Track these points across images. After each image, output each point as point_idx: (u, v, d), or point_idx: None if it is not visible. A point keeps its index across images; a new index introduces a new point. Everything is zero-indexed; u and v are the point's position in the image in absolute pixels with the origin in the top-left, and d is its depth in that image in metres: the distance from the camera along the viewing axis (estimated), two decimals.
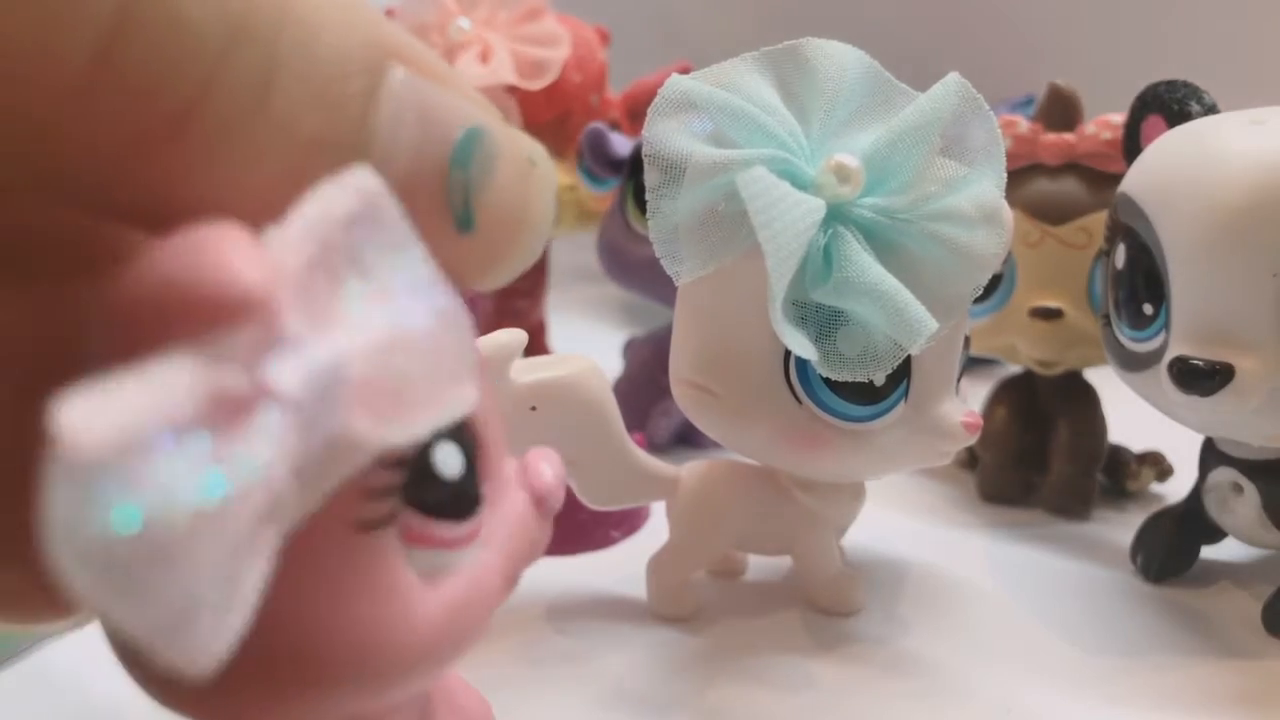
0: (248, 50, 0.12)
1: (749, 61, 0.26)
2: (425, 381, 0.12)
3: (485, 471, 0.16)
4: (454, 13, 0.46)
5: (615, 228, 0.45)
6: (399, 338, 0.12)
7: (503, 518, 0.16)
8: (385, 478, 0.14)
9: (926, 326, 0.25)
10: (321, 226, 0.12)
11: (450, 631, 0.15)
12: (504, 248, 0.16)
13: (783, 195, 0.24)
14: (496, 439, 0.17)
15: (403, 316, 0.12)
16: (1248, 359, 0.27)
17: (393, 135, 0.14)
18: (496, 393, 0.18)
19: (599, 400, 0.28)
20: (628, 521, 0.36)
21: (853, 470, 0.29)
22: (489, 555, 0.16)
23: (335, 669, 0.14)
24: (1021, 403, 0.40)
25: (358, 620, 0.14)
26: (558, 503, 0.17)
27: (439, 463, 0.15)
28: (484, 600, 0.15)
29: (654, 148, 0.25)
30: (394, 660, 0.14)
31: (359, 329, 0.12)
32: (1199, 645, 0.30)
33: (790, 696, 0.28)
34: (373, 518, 0.14)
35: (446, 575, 0.15)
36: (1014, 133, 0.37)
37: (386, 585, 0.14)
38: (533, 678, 0.28)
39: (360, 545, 0.14)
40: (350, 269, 0.12)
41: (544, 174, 0.16)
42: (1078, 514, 0.39)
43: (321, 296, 0.12)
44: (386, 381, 0.12)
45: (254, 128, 0.13)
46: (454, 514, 0.15)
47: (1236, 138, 0.28)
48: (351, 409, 0.11)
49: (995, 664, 0.29)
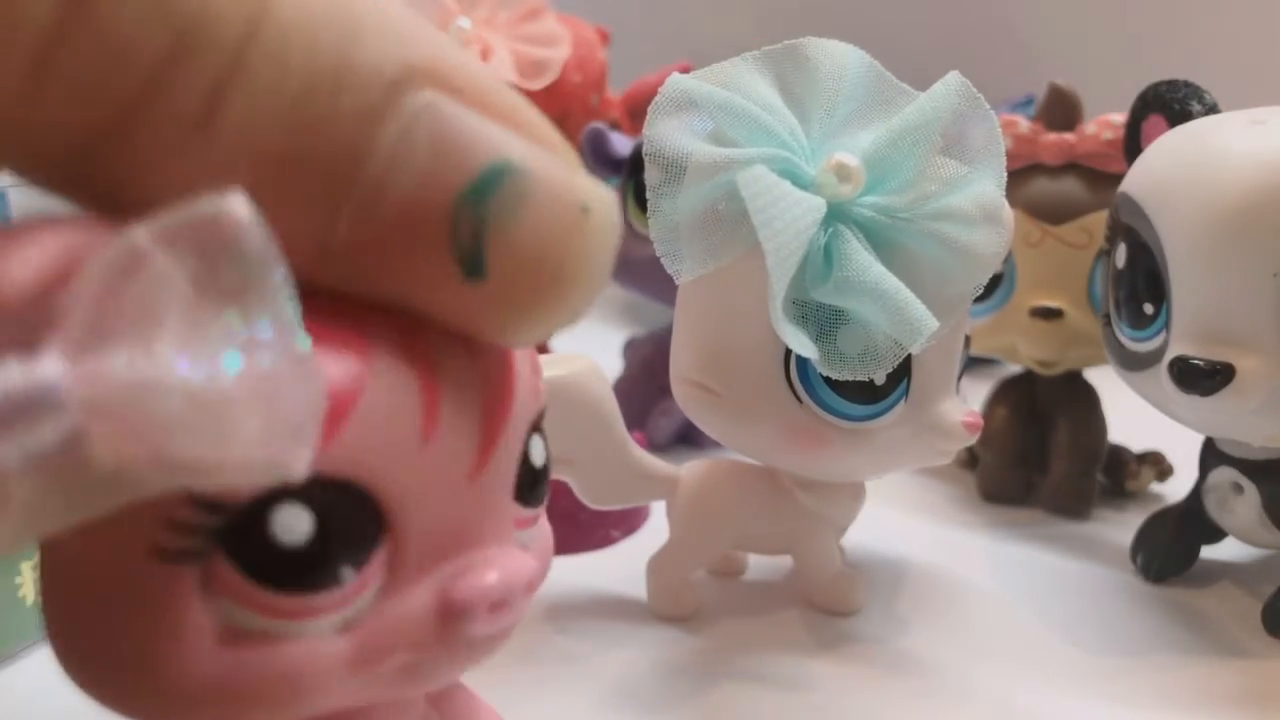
0: (197, 61, 0.12)
1: (749, 61, 0.26)
2: (222, 432, 0.11)
3: (391, 557, 0.14)
4: (454, 12, 0.46)
5: None
6: (190, 378, 0.11)
7: (390, 612, 0.15)
8: (190, 515, 0.13)
9: (927, 326, 0.25)
10: (152, 247, 0.11)
11: (229, 693, 0.14)
12: (531, 298, 0.14)
13: (783, 194, 0.24)
14: (449, 528, 0.15)
15: (215, 360, 0.11)
16: (1248, 359, 0.27)
17: (393, 159, 0.13)
18: (506, 478, 0.16)
19: (599, 400, 0.28)
20: (627, 521, 0.36)
21: (853, 470, 0.29)
22: (336, 641, 0.14)
23: (109, 681, 0.14)
24: (1022, 402, 0.40)
25: (130, 642, 0.13)
26: (478, 624, 0.15)
27: (274, 524, 0.13)
28: (297, 682, 0.14)
29: (654, 147, 0.25)
30: (155, 695, 0.14)
31: (142, 357, 0.11)
32: (1199, 645, 0.30)
33: (790, 696, 0.28)
34: (168, 548, 0.13)
35: (260, 639, 0.14)
36: (1014, 132, 0.37)
37: (164, 620, 0.13)
38: (533, 677, 0.28)
39: (150, 571, 0.13)
40: (171, 296, 0.11)
41: (599, 224, 0.14)
42: (1078, 514, 0.39)
43: (120, 315, 0.11)
44: (152, 418, 0.11)
45: (202, 137, 0.12)
46: (280, 583, 0.14)
47: (1237, 138, 0.28)
48: (77, 435, 0.11)
49: (995, 663, 0.29)
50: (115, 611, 0.13)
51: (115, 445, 0.11)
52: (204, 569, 0.13)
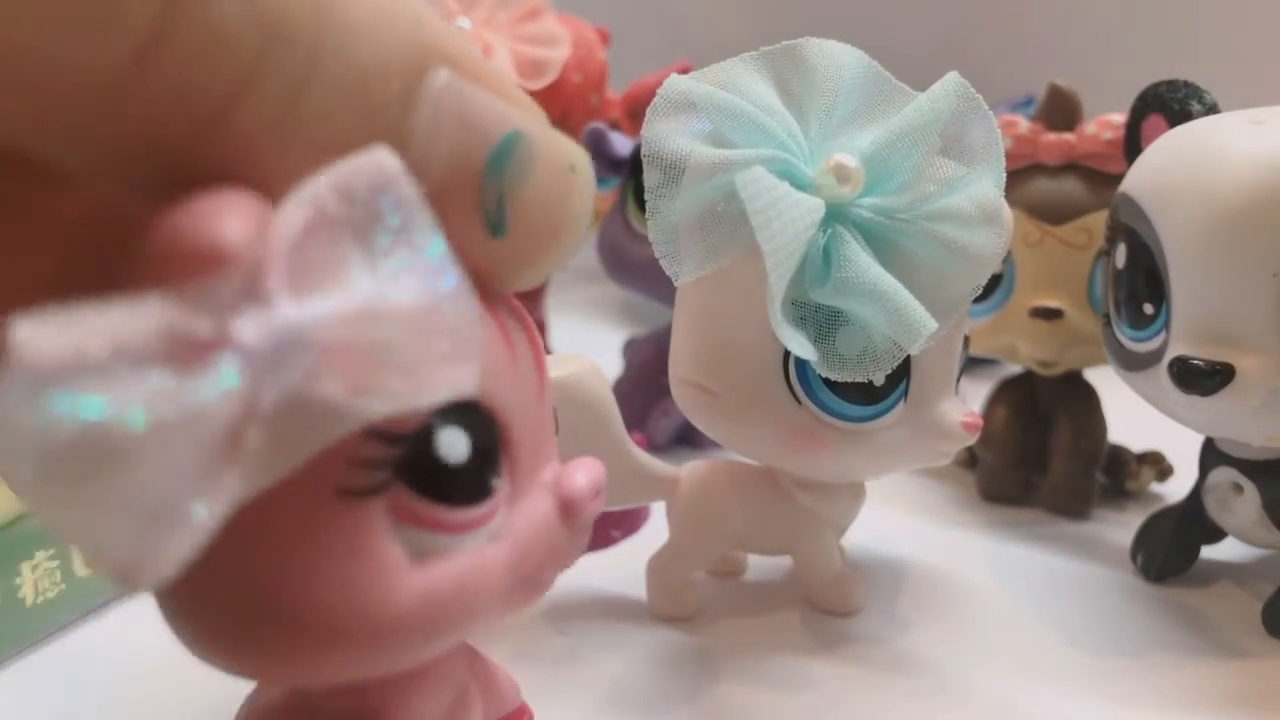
0: (283, 55, 0.13)
1: (748, 61, 0.26)
2: (415, 359, 0.13)
3: (509, 466, 0.16)
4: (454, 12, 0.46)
5: (615, 227, 0.45)
6: (389, 311, 0.12)
7: (523, 516, 0.16)
8: (375, 450, 0.14)
9: (926, 326, 0.25)
10: (329, 198, 0.12)
11: (428, 613, 0.15)
12: (538, 251, 0.16)
13: (782, 195, 0.24)
14: (535, 441, 0.17)
15: (399, 293, 0.13)
16: (1248, 359, 0.27)
17: (430, 138, 0.14)
18: (548, 399, 0.18)
19: (599, 400, 0.28)
20: (628, 521, 0.36)
21: (852, 470, 0.29)
22: (494, 549, 0.16)
23: (304, 627, 0.14)
24: (1022, 402, 0.40)
25: (329, 584, 0.14)
26: (588, 513, 0.17)
27: (441, 445, 0.15)
28: (476, 591, 0.15)
29: (653, 148, 0.25)
30: (362, 630, 0.14)
31: (348, 298, 0.12)
32: (1199, 645, 0.30)
33: (790, 696, 0.28)
34: (356, 486, 0.14)
35: (438, 558, 0.15)
36: (1014, 133, 0.37)
37: (364, 556, 0.14)
38: (533, 677, 0.28)
39: (340, 512, 0.14)
40: (353, 241, 0.12)
41: (584, 179, 0.16)
42: (1078, 514, 0.39)
43: (316, 262, 0.12)
44: (366, 353, 0.12)
45: (286, 129, 0.13)
46: (451, 499, 0.15)
47: (1237, 138, 0.28)
48: (317, 372, 0.12)
49: (995, 663, 0.29)
50: (313, 557, 0.14)
51: (344, 380, 0.12)
52: (387, 501, 0.14)
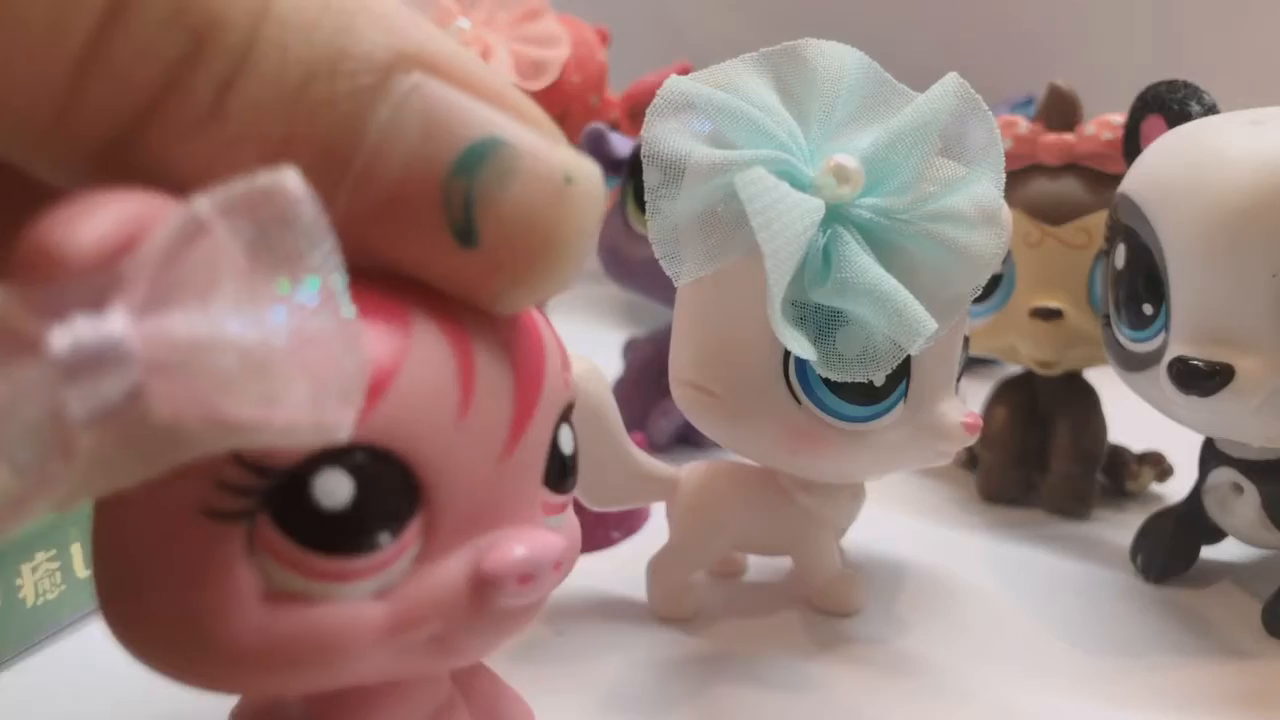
0: (211, 59, 0.13)
1: (748, 62, 0.26)
2: (274, 394, 0.12)
3: (427, 527, 0.15)
4: (454, 13, 0.46)
5: (615, 228, 0.45)
6: (246, 342, 0.12)
7: (424, 581, 0.15)
8: (242, 477, 0.14)
9: (926, 327, 0.25)
10: (215, 214, 0.12)
11: (270, 653, 0.14)
12: (524, 266, 0.15)
13: (782, 196, 0.24)
14: (478, 502, 0.16)
15: (267, 325, 0.12)
16: (1247, 359, 0.27)
17: (386, 138, 0.14)
18: (535, 461, 0.17)
19: (599, 401, 0.28)
20: (627, 522, 0.36)
21: (852, 471, 0.29)
22: (370, 608, 0.15)
23: (151, 640, 0.14)
24: (1021, 403, 0.40)
25: (174, 601, 0.14)
26: (506, 595, 0.16)
27: (317, 489, 0.14)
28: (332, 643, 0.14)
29: (653, 148, 0.25)
30: (196, 655, 0.14)
31: (197, 320, 0.12)
32: (1199, 645, 0.30)
33: (790, 697, 0.28)
34: (217, 509, 0.14)
35: (300, 600, 0.14)
36: (1014, 133, 0.37)
37: (212, 580, 0.14)
38: (532, 678, 0.28)
39: (200, 530, 0.14)
40: (230, 262, 0.12)
41: (584, 193, 0.15)
42: (1078, 514, 0.39)
43: (183, 279, 0.12)
44: (208, 379, 0.12)
45: (214, 124, 0.13)
46: (320, 545, 0.14)
47: (1236, 138, 0.28)
48: (139, 391, 0.11)
49: (995, 664, 0.29)
50: (164, 569, 0.14)
51: (173, 402, 0.12)
52: (250, 530, 0.14)
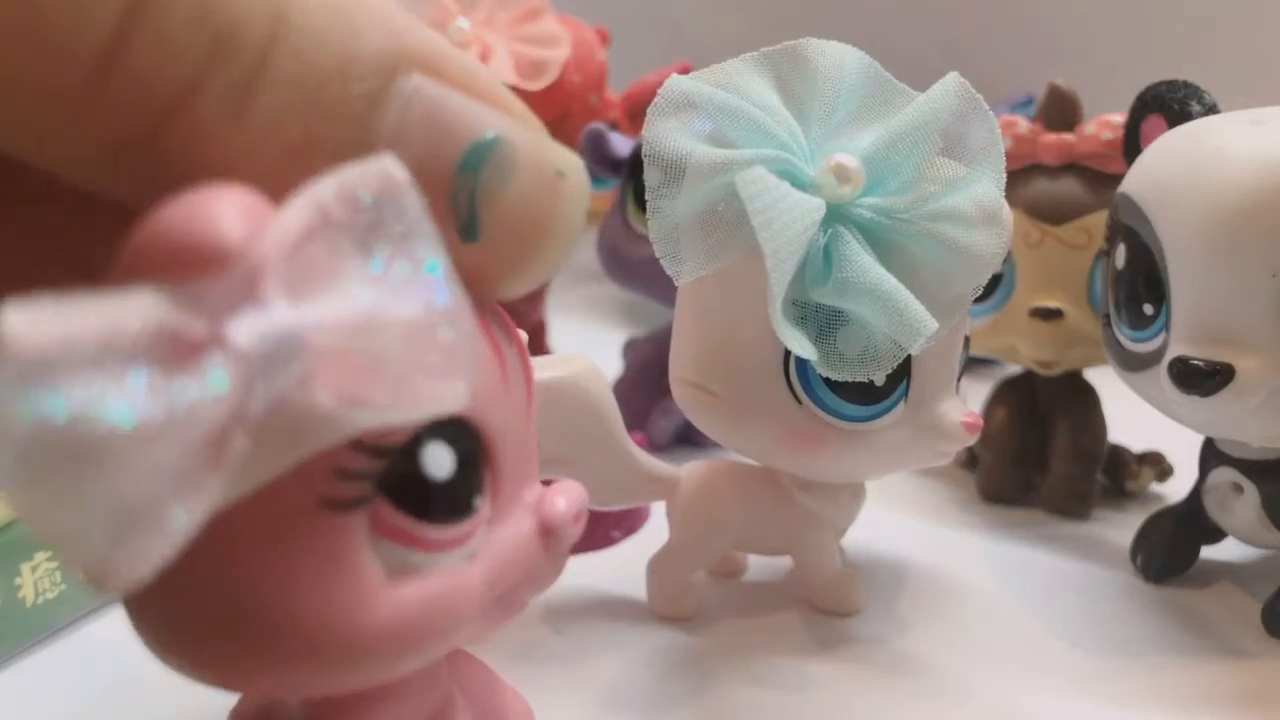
0: (230, 62, 0.13)
1: (749, 62, 0.26)
2: (407, 372, 0.12)
3: (492, 486, 0.16)
4: (453, 13, 0.46)
5: (615, 228, 0.45)
6: (383, 322, 0.12)
7: (502, 538, 0.16)
8: (358, 461, 0.14)
9: (926, 327, 0.25)
10: (333, 202, 0.12)
11: (401, 631, 0.15)
12: (521, 256, 0.16)
13: (782, 195, 0.24)
14: (519, 461, 0.17)
15: (396, 304, 0.12)
16: (1248, 359, 0.27)
17: (396, 138, 0.14)
18: (534, 419, 0.18)
19: (599, 400, 0.28)
20: (628, 522, 0.36)
21: (853, 470, 0.29)
22: (471, 569, 0.15)
23: (277, 639, 0.14)
24: (1021, 403, 0.40)
25: (305, 596, 0.14)
26: (568, 536, 0.17)
27: (425, 461, 0.15)
28: (450, 611, 0.15)
29: (654, 148, 0.25)
30: (335, 645, 0.14)
31: (344, 306, 0.12)
32: (1199, 645, 0.30)
33: (790, 697, 0.28)
34: (339, 498, 0.14)
35: (416, 575, 0.15)
36: (1014, 133, 0.37)
37: (342, 569, 0.14)
38: (533, 677, 0.28)
39: (322, 523, 0.14)
40: (353, 247, 0.12)
41: (574, 186, 0.16)
42: (1078, 514, 0.39)
43: (314, 267, 0.12)
44: (359, 362, 0.12)
45: (235, 128, 0.13)
46: (434, 516, 0.15)
47: (1236, 138, 0.28)
48: (309, 378, 0.12)
49: (995, 664, 0.29)
50: (290, 567, 0.14)
51: (337, 387, 0.12)
52: (368, 514, 0.14)
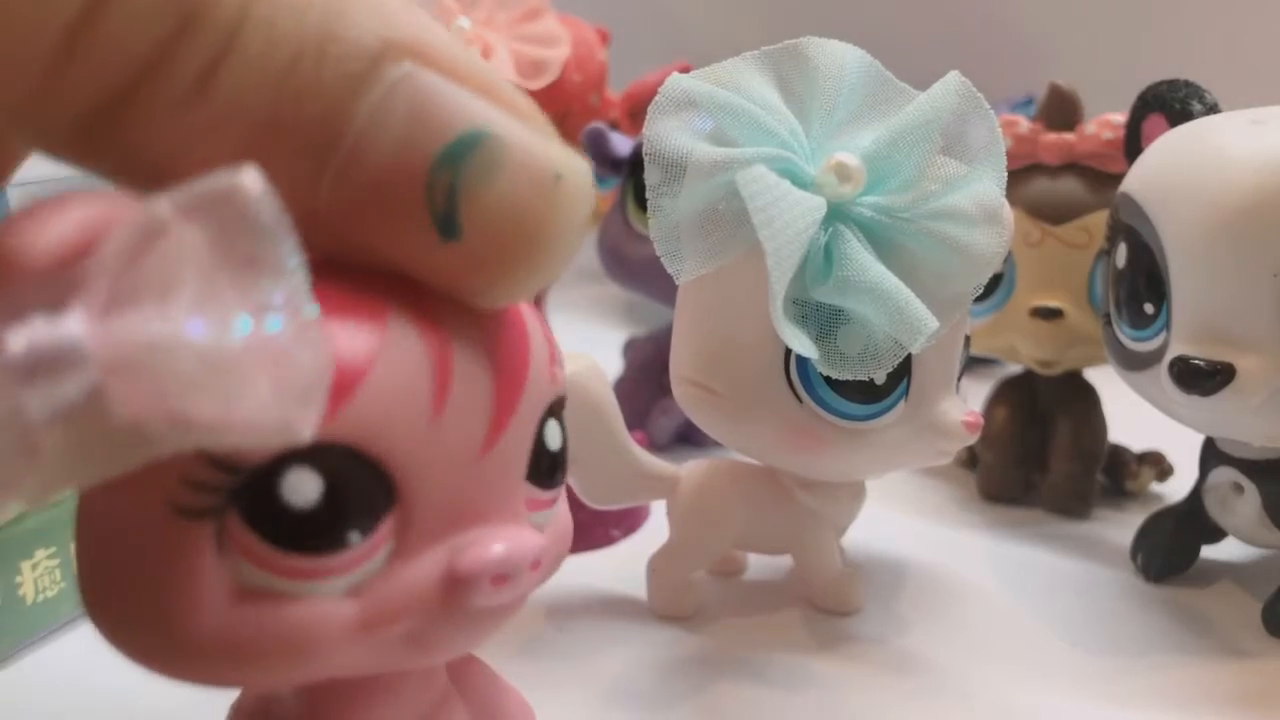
0: (200, 35, 0.13)
1: (749, 60, 0.26)
2: (235, 395, 0.12)
3: (400, 526, 0.15)
4: (454, 12, 0.46)
5: (615, 227, 0.45)
6: (205, 343, 0.12)
7: (397, 579, 0.15)
8: (205, 473, 0.14)
9: (927, 325, 0.25)
10: (173, 216, 0.12)
11: (237, 649, 0.14)
12: (505, 262, 0.15)
13: (783, 194, 0.24)
14: (456, 501, 0.15)
15: (225, 325, 0.12)
16: (1248, 359, 0.27)
17: (372, 125, 0.14)
18: (518, 458, 0.17)
19: (600, 399, 0.28)
20: (628, 521, 0.36)
21: (853, 469, 0.29)
22: (342, 606, 0.15)
23: (124, 633, 0.14)
24: (1022, 402, 0.40)
25: (143, 595, 0.14)
26: (479, 595, 0.15)
27: (285, 487, 0.14)
28: (302, 640, 0.14)
29: (654, 146, 0.25)
30: (165, 649, 0.14)
31: (158, 321, 0.12)
32: (1199, 645, 0.30)
33: (790, 696, 0.28)
34: (186, 506, 0.14)
35: (269, 599, 0.14)
36: (1015, 132, 0.37)
37: (180, 576, 0.14)
38: (533, 675, 0.28)
39: (168, 528, 0.14)
40: (188, 263, 0.12)
41: (573, 190, 0.15)
42: (1078, 513, 0.39)
43: (142, 281, 0.12)
44: (169, 380, 0.12)
45: (199, 104, 0.13)
46: (286, 543, 0.14)
47: (1237, 138, 0.28)
48: (102, 392, 0.11)
49: (995, 663, 0.29)
50: (136, 565, 0.14)
51: (133, 402, 0.11)
52: (219, 527, 0.14)
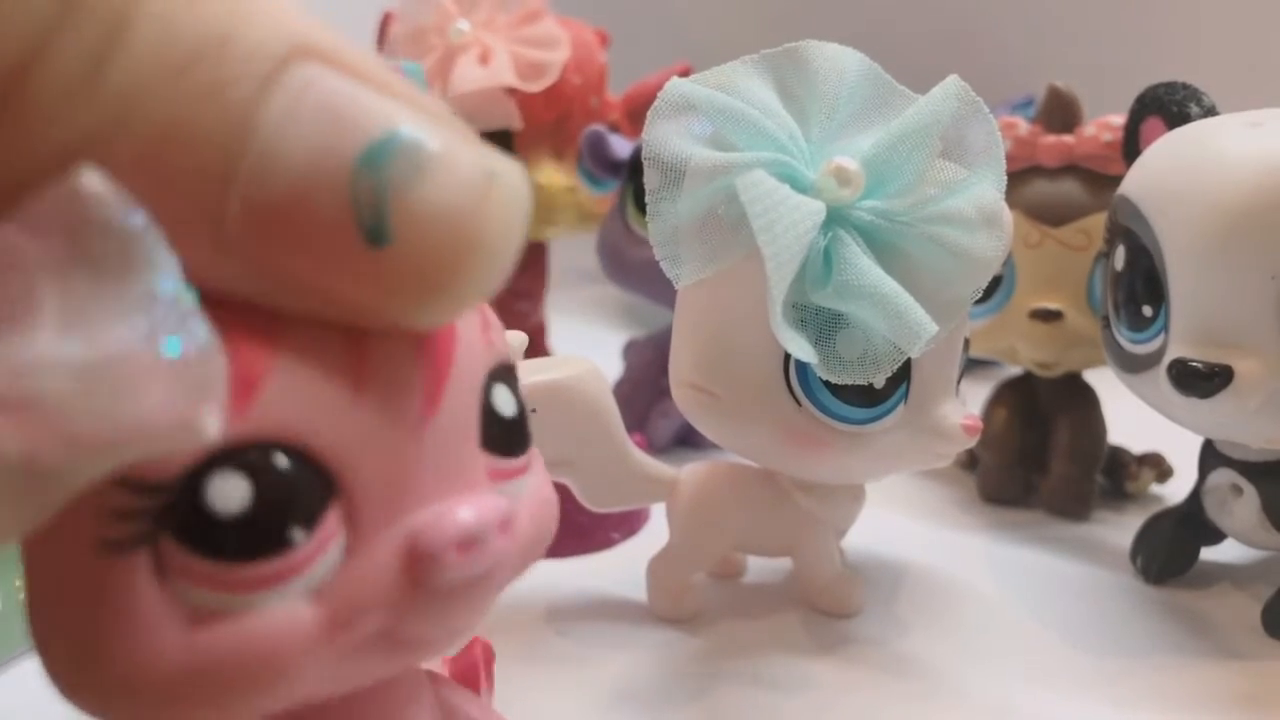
0: (82, 25, 0.12)
1: (749, 64, 0.26)
2: (127, 407, 0.11)
3: (347, 515, 0.14)
4: (453, 15, 0.46)
5: (615, 229, 0.45)
6: (83, 359, 0.11)
7: (356, 572, 0.14)
8: (125, 499, 0.13)
9: (926, 329, 0.25)
10: (20, 236, 0.11)
11: (204, 676, 0.13)
12: (440, 270, 0.14)
13: (783, 198, 0.24)
14: (399, 480, 0.14)
15: (100, 337, 0.11)
16: (1247, 361, 0.27)
17: (281, 130, 0.13)
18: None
19: (599, 402, 0.28)
20: (627, 523, 0.36)
21: (852, 472, 0.29)
22: (302, 609, 0.14)
23: (75, 685, 0.13)
24: (1021, 404, 0.40)
25: (92, 641, 0.13)
26: (447, 569, 0.14)
27: (210, 494, 0.13)
28: (271, 654, 0.13)
29: (654, 150, 0.25)
30: (126, 691, 0.13)
31: (23, 347, 0.11)
32: (1199, 647, 0.30)
33: (790, 698, 0.28)
34: (114, 539, 0.13)
35: (220, 618, 0.13)
36: (1013, 135, 0.37)
37: (125, 613, 0.13)
38: (533, 678, 0.28)
39: (101, 565, 0.13)
40: (46, 281, 0.11)
41: (508, 190, 0.14)
42: (1077, 515, 0.39)
43: (2, 311, 0.11)
44: (55, 405, 0.11)
45: (85, 102, 0.12)
46: (228, 554, 0.13)
47: (1235, 140, 0.28)
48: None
49: (994, 665, 0.29)
50: (74, 612, 0.13)
51: (20, 436, 0.11)
52: (154, 555, 0.13)
